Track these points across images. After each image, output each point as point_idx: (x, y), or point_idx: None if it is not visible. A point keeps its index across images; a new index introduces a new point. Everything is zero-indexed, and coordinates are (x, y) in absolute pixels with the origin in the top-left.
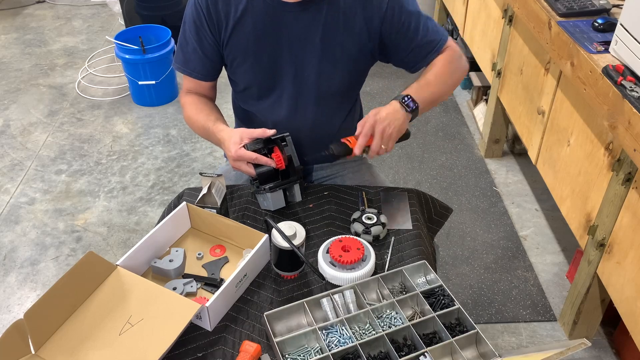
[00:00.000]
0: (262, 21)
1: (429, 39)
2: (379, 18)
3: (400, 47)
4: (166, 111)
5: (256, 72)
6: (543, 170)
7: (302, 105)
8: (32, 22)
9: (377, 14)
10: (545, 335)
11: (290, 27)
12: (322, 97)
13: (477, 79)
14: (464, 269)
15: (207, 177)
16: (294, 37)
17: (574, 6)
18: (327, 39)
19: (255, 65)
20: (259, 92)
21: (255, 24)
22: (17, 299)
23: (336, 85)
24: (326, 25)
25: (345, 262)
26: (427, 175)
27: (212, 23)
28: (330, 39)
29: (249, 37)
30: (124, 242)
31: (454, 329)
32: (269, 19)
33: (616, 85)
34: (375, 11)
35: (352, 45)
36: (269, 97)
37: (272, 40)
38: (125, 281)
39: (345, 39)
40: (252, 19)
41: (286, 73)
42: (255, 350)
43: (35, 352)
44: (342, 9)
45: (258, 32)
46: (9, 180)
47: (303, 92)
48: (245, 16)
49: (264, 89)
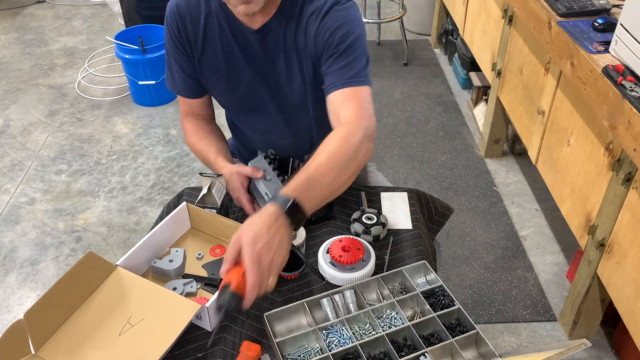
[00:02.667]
0: (230, 43)
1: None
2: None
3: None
4: (166, 111)
5: (232, 91)
6: (543, 170)
7: (288, 118)
8: (32, 22)
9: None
10: (545, 335)
11: (257, 51)
12: (298, 108)
13: (477, 79)
14: (464, 269)
15: (207, 177)
16: (260, 59)
17: (574, 6)
18: (288, 63)
19: (230, 84)
20: (240, 109)
21: (224, 46)
22: (17, 299)
23: (314, 98)
24: (285, 51)
25: (345, 262)
26: (427, 175)
27: (184, 43)
28: (291, 65)
29: (219, 57)
30: (124, 242)
31: (454, 329)
32: (237, 42)
33: (616, 85)
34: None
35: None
36: (252, 113)
37: (241, 61)
38: (125, 281)
39: (300, 65)
40: (220, 40)
41: (261, 92)
42: (255, 350)
43: (35, 352)
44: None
45: (227, 53)
46: (9, 180)
47: (280, 104)
48: (213, 38)
49: (245, 106)
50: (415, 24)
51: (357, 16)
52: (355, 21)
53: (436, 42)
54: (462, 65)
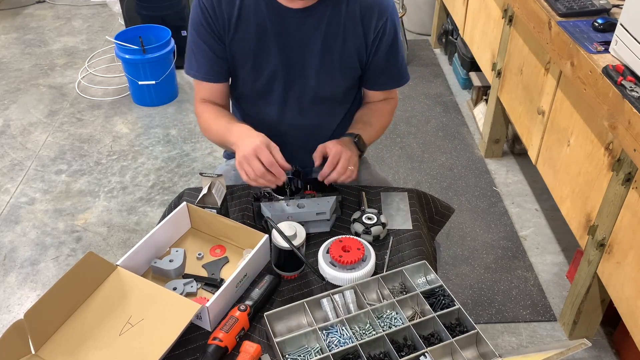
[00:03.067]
0: (264, 24)
1: (397, 74)
2: (373, 33)
3: (378, 63)
4: (166, 111)
5: (256, 74)
6: (543, 170)
7: (303, 107)
8: (32, 22)
9: (373, 29)
10: (545, 335)
11: (292, 32)
12: (320, 101)
13: (477, 79)
14: (464, 269)
15: (207, 177)
16: (295, 42)
17: (574, 6)
18: (326, 46)
19: (256, 68)
20: (259, 95)
21: (258, 27)
22: (17, 299)
23: (334, 90)
24: (327, 34)
25: (346, 262)
26: (427, 175)
27: (217, 22)
28: (330, 47)
29: (251, 39)
30: (124, 242)
31: (454, 329)
32: (272, 23)
33: (616, 85)
34: (371, 26)
35: (350, 54)
36: (269, 101)
37: (273, 44)
38: (125, 281)
39: (343, 48)
40: (254, 21)
41: (286, 77)
42: (255, 350)
43: (35, 352)
44: (343, 19)
45: (260, 34)
46: (9, 180)
47: (302, 95)
48: (248, 18)
49: (264, 92)
50: (415, 24)
51: None
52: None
53: (436, 42)
54: (462, 65)
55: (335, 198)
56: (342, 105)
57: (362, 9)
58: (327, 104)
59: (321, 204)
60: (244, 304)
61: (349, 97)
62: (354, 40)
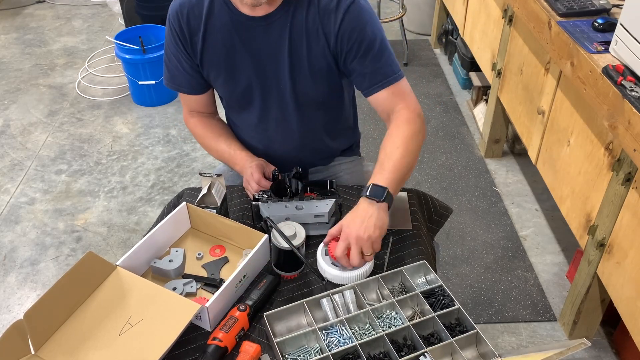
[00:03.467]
0: (231, 36)
1: (380, 69)
2: (334, 35)
3: (351, 67)
4: (166, 111)
5: (232, 86)
6: (543, 170)
7: (285, 114)
8: (32, 22)
9: (333, 30)
10: (545, 335)
11: (259, 42)
12: (302, 107)
13: (477, 79)
14: (464, 269)
15: (207, 177)
16: (263, 51)
17: (574, 6)
18: (294, 53)
19: (230, 80)
20: (240, 105)
21: (225, 40)
22: (17, 299)
23: (313, 95)
24: (291, 40)
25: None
26: (427, 175)
27: (185, 40)
28: (297, 53)
29: (220, 51)
30: (124, 242)
31: (454, 329)
32: (238, 34)
33: (616, 85)
34: (331, 28)
35: (317, 60)
36: (250, 109)
37: (242, 54)
38: (125, 281)
39: (309, 54)
40: (221, 34)
41: (262, 86)
42: (255, 350)
43: (35, 352)
44: (305, 24)
45: (227, 46)
46: (9, 180)
47: (283, 102)
48: (214, 32)
49: (244, 102)
50: (415, 24)
51: (373, 11)
52: (375, 17)
53: (436, 42)
54: (462, 65)
55: (334, 201)
56: (327, 110)
57: (320, 11)
58: (310, 109)
59: (320, 207)
60: (244, 304)
61: (333, 101)
62: (318, 45)
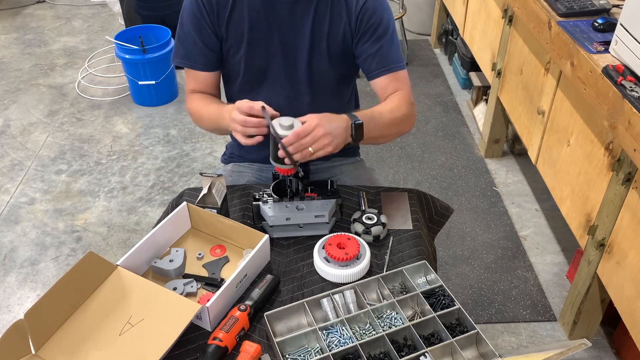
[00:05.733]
0: (256, 11)
1: (388, 56)
2: (355, 14)
3: (364, 47)
4: (166, 111)
5: (250, 60)
6: (543, 170)
7: (296, 94)
8: (32, 22)
9: (355, 10)
10: (545, 335)
11: (283, 18)
12: (314, 86)
13: (477, 79)
14: (464, 269)
15: (207, 177)
16: (286, 28)
17: (574, 6)
18: (315, 30)
19: (250, 54)
20: (253, 82)
21: (250, 14)
22: (17, 299)
23: (327, 75)
24: (315, 17)
25: (340, 259)
26: (427, 175)
27: (212, 13)
28: (319, 32)
29: (243, 27)
30: (124, 242)
31: (454, 329)
32: (263, 9)
33: (616, 85)
34: (353, 7)
35: (336, 40)
36: (262, 87)
37: (264, 30)
38: (125, 281)
39: (330, 32)
40: (247, 8)
41: (278, 63)
42: (255, 350)
43: (35, 352)
44: (330, 3)
45: (252, 21)
46: (9, 180)
47: (296, 82)
48: (241, 8)
49: (260, 78)
50: (415, 24)
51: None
52: (390, 8)
53: (436, 42)
54: (462, 65)
55: (334, 201)
56: (336, 93)
57: None
58: (321, 91)
59: (320, 207)
60: (244, 304)
61: (342, 85)
62: (340, 24)
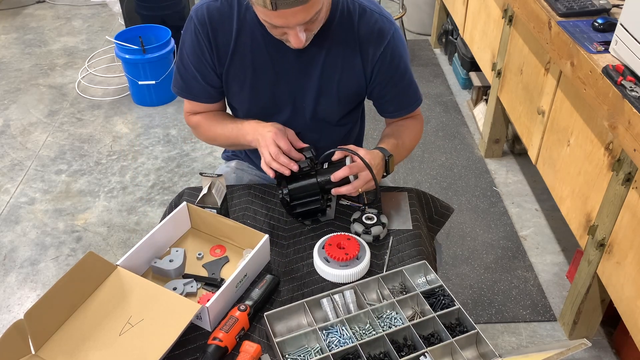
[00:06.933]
0: (261, 54)
1: (406, 98)
2: (372, 63)
3: (381, 92)
4: (166, 111)
5: (252, 102)
6: (543, 170)
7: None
8: (32, 22)
9: (372, 59)
10: (545, 335)
11: (290, 63)
12: (318, 123)
13: (477, 79)
14: (464, 269)
15: (207, 177)
16: (292, 72)
17: (574, 6)
18: (325, 77)
19: (253, 96)
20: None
21: (254, 57)
22: (17, 299)
23: (333, 115)
24: (325, 65)
25: (340, 259)
26: (427, 175)
27: (212, 54)
28: (329, 78)
29: (247, 69)
30: (124, 242)
31: (454, 329)
32: (268, 52)
33: (616, 85)
34: (370, 56)
35: (349, 83)
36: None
37: (270, 74)
38: (125, 281)
39: (342, 77)
40: (251, 52)
41: (283, 103)
42: (255, 350)
43: (35, 352)
44: (342, 50)
45: (255, 64)
46: (9, 180)
47: (299, 118)
48: (244, 49)
49: (261, 116)
50: (415, 24)
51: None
52: (407, 48)
53: (436, 42)
54: (462, 65)
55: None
56: (340, 129)
57: (360, 38)
58: (324, 126)
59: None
60: (244, 304)
61: (347, 119)
62: (352, 72)
